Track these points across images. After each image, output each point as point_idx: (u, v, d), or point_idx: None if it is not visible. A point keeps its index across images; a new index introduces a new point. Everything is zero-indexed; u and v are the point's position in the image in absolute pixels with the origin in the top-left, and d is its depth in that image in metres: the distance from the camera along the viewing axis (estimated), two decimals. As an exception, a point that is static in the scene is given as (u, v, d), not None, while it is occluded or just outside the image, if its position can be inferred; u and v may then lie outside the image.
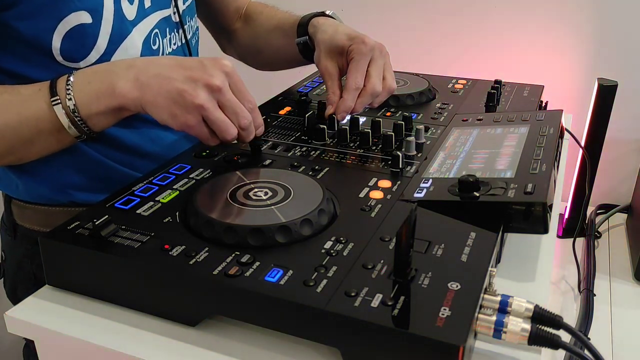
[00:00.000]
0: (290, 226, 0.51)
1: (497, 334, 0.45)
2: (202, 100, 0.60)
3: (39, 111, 0.61)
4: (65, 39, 0.65)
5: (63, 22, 0.64)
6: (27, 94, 0.62)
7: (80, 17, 0.65)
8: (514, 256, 0.59)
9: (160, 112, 0.60)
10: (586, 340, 0.46)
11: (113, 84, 0.60)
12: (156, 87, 0.60)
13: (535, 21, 1.37)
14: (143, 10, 0.73)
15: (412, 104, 0.88)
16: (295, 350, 0.47)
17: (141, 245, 0.51)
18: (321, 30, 0.83)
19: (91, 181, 0.73)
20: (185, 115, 0.60)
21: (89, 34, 0.66)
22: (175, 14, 0.79)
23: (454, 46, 1.46)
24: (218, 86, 0.60)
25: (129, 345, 0.48)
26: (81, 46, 0.66)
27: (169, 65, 0.62)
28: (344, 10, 1.53)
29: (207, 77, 0.60)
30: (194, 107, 0.60)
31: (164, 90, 0.60)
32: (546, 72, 1.40)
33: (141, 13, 0.73)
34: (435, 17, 1.45)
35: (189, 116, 0.60)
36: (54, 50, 0.65)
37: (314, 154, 0.70)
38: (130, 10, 0.71)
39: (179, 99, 0.60)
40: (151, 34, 0.74)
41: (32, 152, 0.64)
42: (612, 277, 1.15)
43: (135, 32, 0.72)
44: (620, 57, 1.33)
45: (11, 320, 0.51)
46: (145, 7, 0.73)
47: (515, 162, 0.62)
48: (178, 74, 0.60)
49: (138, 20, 0.72)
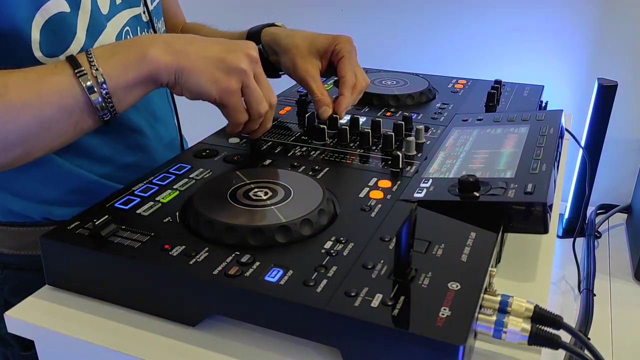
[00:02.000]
0: (290, 226, 0.51)
1: (497, 334, 0.45)
2: (246, 65, 0.59)
3: (61, 85, 0.55)
4: (44, 30, 0.61)
5: (41, 10, 0.60)
6: (44, 71, 0.56)
7: (59, 5, 0.61)
8: (514, 256, 0.59)
9: (199, 77, 0.58)
10: (586, 340, 0.46)
11: (143, 51, 0.57)
12: (194, 53, 0.58)
13: (535, 21, 1.37)
14: (115, 7, 0.71)
15: (412, 104, 0.88)
16: (295, 350, 0.47)
17: (141, 245, 0.51)
18: (285, 35, 0.81)
19: (67, 195, 0.70)
20: (229, 79, 0.59)
21: (68, 24, 0.63)
22: (145, 13, 0.77)
23: (454, 46, 1.46)
24: (256, 57, 0.60)
25: (129, 345, 0.48)
26: (61, 38, 0.63)
27: (201, 38, 0.61)
28: (344, 10, 1.53)
29: (244, 47, 0.60)
30: (237, 71, 0.59)
31: (203, 55, 0.58)
32: (546, 72, 1.40)
33: (113, 9, 0.70)
34: (435, 17, 1.45)
35: (232, 79, 0.59)
36: (34, 44, 0.61)
37: (314, 154, 0.70)
38: (103, 3, 0.68)
39: (221, 63, 0.58)
40: (122, 31, 0.72)
41: (46, 140, 0.57)
42: (612, 277, 1.15)
43: (109, 27, 0.69)
44: (620, 57, 1.33)
45: (11, 320, 0.51)
46: (117, 3, 0.71)
47: (515, 162, 0.62)
48: (213, 45, 0.59)
49: (111, 16, 0.70)
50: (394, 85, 0.92)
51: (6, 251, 0.72)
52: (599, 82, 1.22)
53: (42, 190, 0.69)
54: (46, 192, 0.69)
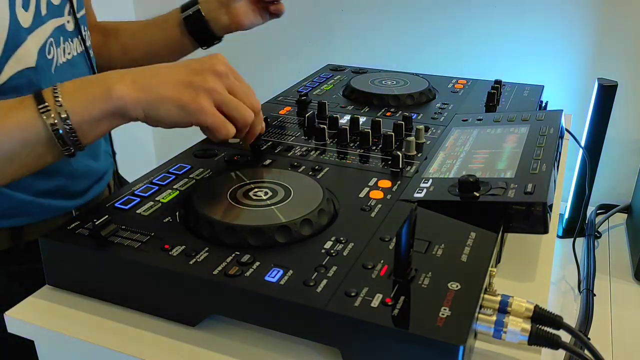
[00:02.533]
0: (290, 226, 0.51)
1: (497, 334, 0.45)
2: (213, 83, 0.58)
3: (23, 121, 0.55)
4: None
5: None
6: (8, 105, 0.57)
7: None
8: (514, 256, 0.59)
9: (168, 107, 0.57)
10: (586, 340, 0.46)
11: (109, 87, 0.57)
12: (159, 84, 0.58)
13: (536, 21, 1.37)
14: (40, 18, 0.69)
15: (412, 104, 0.88)
16: (295, 350, 0.47)
17: (141, 245, 0.51)
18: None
19: None
20: (197, 101, 0.57)
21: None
22: (69, 22, 0.75)
23: (454, 46, 1.46)
24: (224, 71, 0.59)
25: (129, 345, 0.48)
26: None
27: (165, 65, 0.60)
28: (344, 10, 1.53)
29: (210, 66, 0.59)
30: (205, 91, 0.58)
31: (169, 85, 0.58)
32: (546, 72, 1.40)
33: (37, 20, 0.68)
34: (435, 17, 1.45)
35: (202, 101, 0.58)
36: None
37: (314, 154, 0.70)
38: (25, 17, 0.66)
39: (188, 88, 0.57)
40: (46, 42, 0.70)
41: (10, 170, 0.58)
42: (612, 277, 1.15)
43: (30, 40, 0.67)
44: (620, 57, 1.33)
45: (11, 320, 0.51)
46: (42, 14, 0.69)
47: (515, 162, 0.62)
48: (178, 71, 0.59)
49: (34, 28, 0.67)
50: (394, 85, 0.92)
51: None
52: (599, 82, 1.22)
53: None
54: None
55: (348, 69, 1.06)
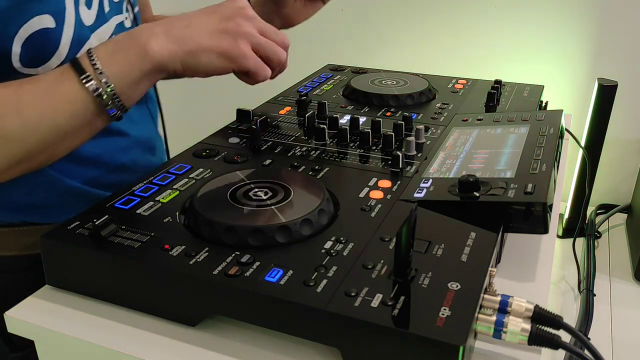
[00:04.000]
0: (290, 226, 0.51)
1: (497, 334, 0.45)
2: (247, 27, 0.59)
3: (70, 93, 0.56)
4: (26, 43, 0.60)
5: (25, 26, 0.59)
6: (51, 80, 0.57)
7: (43, 21, 0.61)
8: (514, 256, 0.59)
9: (209, 56, 0.58)
10: (586, 340, 0.46)
11: (143, 45, 0.57)
12: (194, 34, 0.58)
13: (536, 21, 1.37)
14: (103, 15, 0.70)
15: (412, 104, 0.88)
16: (295, 350, 0.47)
17: (141, 245, 0.51)
18: None
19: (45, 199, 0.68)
20: (238, 46, 0.58)
21: (52, 38, 0.62)
22: (127, 19, 0.76)
23: (454, 46, 1.46)
24: (252, 15, 0.60)
25: (129, 345, 0.48)
26: (43, 52, 0.62)
27: (193, 15, 0.60)
28: (344, 10, 1.53)
29: (238, 10, 0.59)
30: (243, 35, 0.58)
31: (204, 33, 0.58)
32: (546, 72, 1.40)
33: (101, 18, 0.69)
34: (435, 17, 1.45)
35: (242, 46, 0.58)
36: (13, 56, 0.60)
37: (314, 154, 0.70)
38: (88, 15, 0.67)
39: (224, 35, 0.58)
40: None
41: (65, 144, 0.59)
42: (612, 277, 1.15)
43: (94, 38, 0.68)
44: (620, 57, 1.33)
45: (11, 320, 0.51)
46: (105, 11, 0.70)
47: (515, 162, 0.62)
48: (209, 18, 0.59)
49: (97, 26, 0.69)
50: (394, 85, 0.92)
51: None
52: (599, 82, 1.22)
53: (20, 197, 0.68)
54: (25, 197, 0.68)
55: (348, 69, 1.06)
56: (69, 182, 0.69)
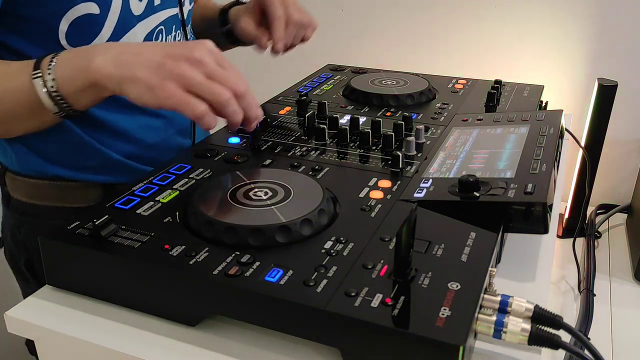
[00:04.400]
0: (290, 226, 0.51)
1: (497, 334, 0.45)
2: (183, 70, 0.57)
3: (21, 84, 0.61)
4: (72, 24, 0.67)
5: (73, 9, 0.66)
6: (15, 68, 0.62)
7: (89, 7, 0.67)
8: (514, 256, 0.59)
9: (137, 87, 0.58)
10: (586, 340, 0.46)
11: (90, 60, 0.59)
12: (135, 63, 0.58)
13: (535, 21, 1.37)
14: (152, 8, 0.75)
15: (412, 104, 0.88)
16: (295, 350, 0.47)
17: (141, 245, 0.51)
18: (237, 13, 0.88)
19: (80, 161, 0.75)
20: (164, 84, 0.57)
21: (95, 23, 0.69)
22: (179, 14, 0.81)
23: (454, 46, 1.46)
24: (199, 59, 0.58)
25: (129, 345, 0.48)
26: (86, 33, 0.69)
27: (152, 45, 0.62)
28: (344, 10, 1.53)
29: (187, 52, 0.58)
30: (174, 76, 0.57)
31: (144, 65, 0.58)
32: (546, 72, 1.40)
33: (149, 10, 0.75)
34: (435, 17, 1.45)
35: (168, 84, 0.57)
36: (60, 33, 0.67)
37: (314, 154, 0.70)
38: (137, 5, 0.73)
39: (158, 70, 0.57)
40: (155, 30, 0.76)
41: (17, 126, 0.66)
42: (612, 277, 1.15)
43: (139, 27, 0.73)
44: (620, 57, 1.33)
45: (11, 320, 0.51)
46: (155, 4, 0.75)
47: (515, 162, 0.62)
48: (159, 52, 0.59)
49: (145, 16, 0.74)
50: (394, 85, 0.92)
51: (24, 199, 0.78)
52: (599, 82, 1.22)
53: (58, 154, 0.74)
54: (61, 156, 0.74)
55: (348, 69, 1.06)
56: (99, 147, 0.74)
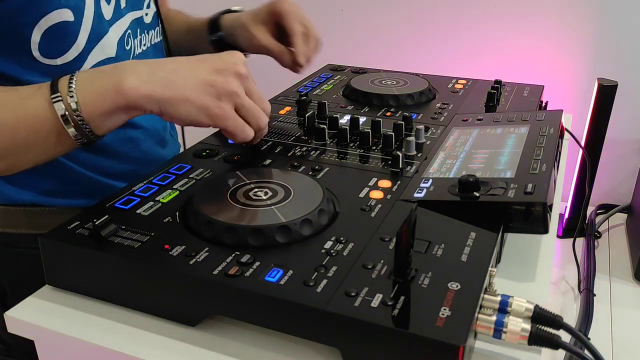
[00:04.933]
0: (290, 226, 0.51)
1: (497, 334, 0.45)
2: (236, 87, 0.57)
3: (37, 109, 0.56)
4: (46, 34, 0.62)
5: (45, 18, 0.61)
6: (26, 92, 0.58)
7: (63, 15, 0.62)
8: (514, 256, 0.59)
9: (188, 107, 0.56)
10: (586, 340, 0.46)
11: (121, 80, 0.56)
12: (179, 81, 0.56)
13: (535, 21, 1.37)
14: (119, 11, 0.72)
15: (412, 104, 0.88)
16: (295, 350, 0.47)
17: (141, 245, 0.51)
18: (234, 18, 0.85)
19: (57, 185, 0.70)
20: (220, 105, 0.56)
21: (70, 31, 0.64)
22: (147, 15, 0.77)
23: (454, 46, 1.46)
24: (245, 73, 0.59)
25: (129, 345, 0.48)
26: (61, 43, 0.64)
27: (185, 60, 0.59)
28: (344, 10, 1.53)
29: (232, 65, 0.58)
30: (228, 95, 0.57)
31: (190, 83, 0.56)
32: (546, 72, 1.40)
33: (117, 13, 0.71)
34: (435, 17, 1.45)
35: (224, 105, 0.57)
36: (32, 44, 0.62)
37: (314, 154, 0.70)
38: (107, 9, 0.69)
39: (210, 89, 0.56)
40: (125, 34, 0.73)
41: (27, 157, 0.59)
42: (612, 277, 1.15)
43: (112, 32, 0.70)
44: (620, 57, 1.33)
45: (11, 320, 0.51)
46: (121, 7, 0.72)
47: (515, 162, 0.62)
48: (200, 67, 0.58)
49: (114, 20, 0.70)
50: (394, 85, 0.92)
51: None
52: (599, 82, 1.22)
53: (30, 179, 0.69)
54: (34, 180, 0.70)
55: (348, 69, 1.06)
56: (77, 168, 0.70)
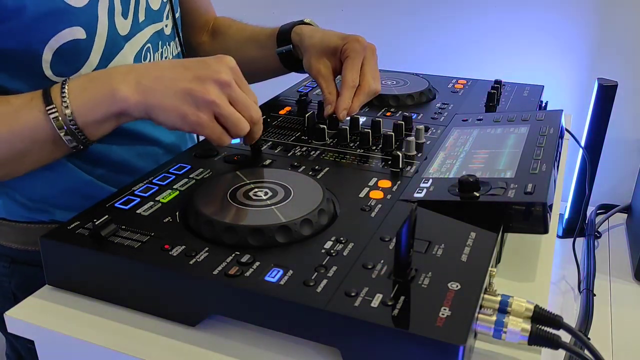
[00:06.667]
0: (290, 226, 0.51)
1: (497, 334, 0.45)
2: (214, 96, 0.58)
3: (32, 121, 0.57)
4: (57, 53, 0.63)
5: (56, 37, 0.62)
6: (19, 104, 0.58)
7: (74, 33, 0.63)
8: (514, 256, 0.59)
9: (168, 114, 0.58)
10: (586, 340, 0.46)
11: (113, 89, 0.57)
12: (161, 89, 0.58)
13: (536, 21, 1.38)
14: (137, 25, 0.71)
15: (412, 104, 0.88)
16: (295, 350, 0.47)
17: (141, 245, 0.51)
18: (308, 36, 0.82)
19: (72, 200, 0.71)
20: (197, 114, 0.58)
21: (82, 49, 0.65)
22: (167, 27, 0.77)
23: (455, 46, 1.46)
24: (227, 81, 0.59)
25: (129, 345, 0.48)
26: (73, 62, 0.65)
27: (170, 66, 0.60)
28: (344, 10, 1.53)
29: (214, 73, 0.58)
30: (205, 104, 0.58)
31: (171, 91, 0.57)
32: (546, 72, 1.40)
33: (135, 28, 0.71)
34: (435, 17, 1.45)
35: (200, 114, 0.58)
36: (44, 63, 0.63)
37: (314, 154, 0.70)
38: (123, 24, 0.69)
39: (188, 98, 0.57)
40: (143, 48, 0.73)
41: (24, 165, 0.61)
42: (612, 277, 1.15)
43: (128, 47, 0.70)
44: (620, 57, 1.34)
45: (11, 320, 0.51)
46: (140, 21, 0.72)
47: (515, 162, 0.62)
48: (182, 74, 0.58)
49: (131, 35, 0.70)
50: (394, 85, 0.92)
51: (14, 246, 0.74)
52: (599, 82, 1.22)
53: (49, 195, 0.70)
54: (53, 196, 0.70)
55: (348, 69, 1.06)
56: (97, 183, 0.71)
